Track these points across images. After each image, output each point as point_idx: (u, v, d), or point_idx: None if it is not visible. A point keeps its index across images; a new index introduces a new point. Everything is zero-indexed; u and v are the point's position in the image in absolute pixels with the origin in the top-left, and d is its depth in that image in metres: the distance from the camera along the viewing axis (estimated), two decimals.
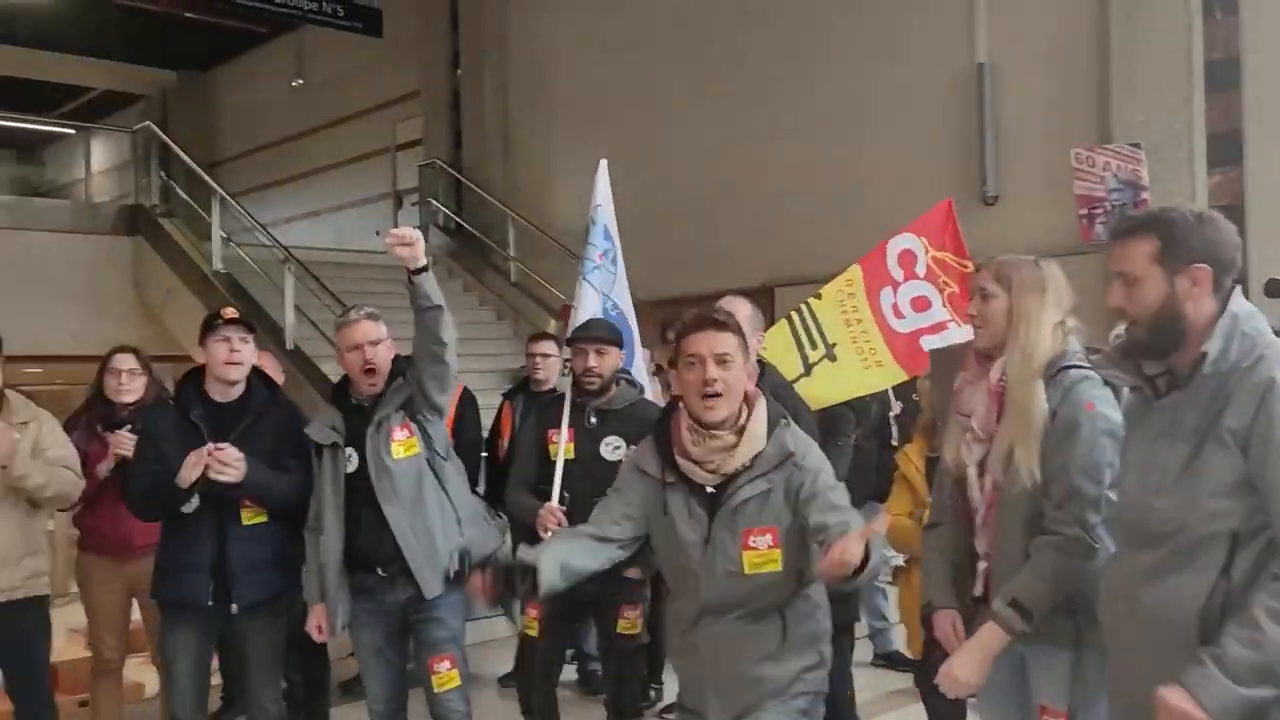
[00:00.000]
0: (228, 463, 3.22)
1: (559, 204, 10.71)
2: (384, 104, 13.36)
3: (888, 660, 5.25)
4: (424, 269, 3.08)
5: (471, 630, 4.54)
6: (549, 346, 5.18)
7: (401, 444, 3.27)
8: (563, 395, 3.76)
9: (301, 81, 14.48)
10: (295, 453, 3.44)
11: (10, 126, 16.46)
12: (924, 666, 3.26)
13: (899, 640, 5.02)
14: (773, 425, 2.44)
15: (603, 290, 4.30)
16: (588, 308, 4.21)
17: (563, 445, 3.57)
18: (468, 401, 4.94)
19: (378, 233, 13.36)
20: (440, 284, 3.23)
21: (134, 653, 4.38)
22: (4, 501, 3.52)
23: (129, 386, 4.06)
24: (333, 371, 7.85)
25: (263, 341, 7.57)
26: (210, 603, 3.34)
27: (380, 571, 3.27)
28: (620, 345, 3.77)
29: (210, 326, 3.41)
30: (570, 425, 3.59)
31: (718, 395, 2.37)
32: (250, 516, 3.36)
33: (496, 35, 11.39)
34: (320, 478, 3.33)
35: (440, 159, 11.57)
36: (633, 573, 3.42)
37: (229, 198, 9.04)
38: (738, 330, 2.44)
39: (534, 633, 3.67)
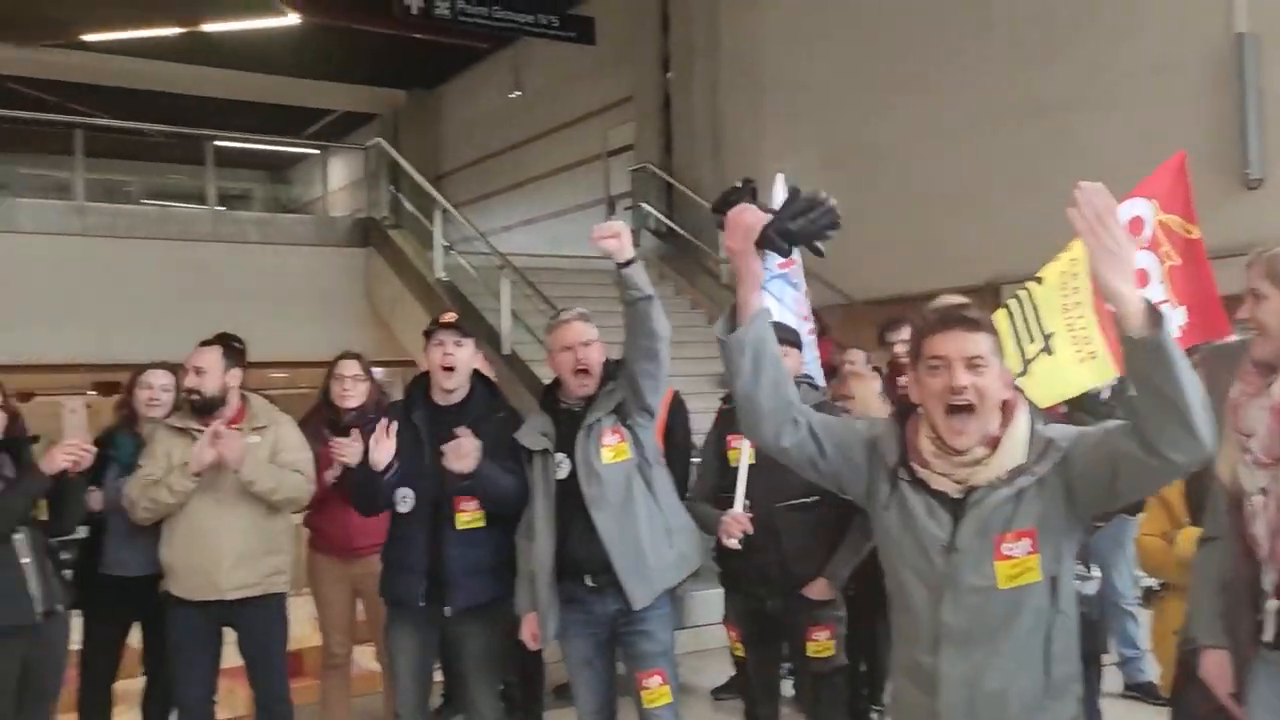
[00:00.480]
0: (465, 453, 3.23)
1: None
2: (596, 111, 13.57)
3: (1140, 692, 4.77)
4: (632, 260, 2.98)
5: (684, 639, 4.46)
6: None
7: (612, 449, 3.19)
8: None
9: (519, 93, 14.93)
10: (515, 456, 3.42)
11: (261, 149, 17.84)
12: (1178, 705, 2.89)
13: (1152, 670, 4.54)
14: (1034, 434, 2.04)
15: (780, 297, 4.19)
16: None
17: (745, 451, 3.43)
18: (678, 407, 4.83)
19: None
20: (664, 301, 3.19)
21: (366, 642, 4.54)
22: (243, 502, 3.69)
23: (352, 392, 4.21)
24: (547, 376, 8.01)
25: (477, 347, 7.84)
26: (424, 603, 3.38)
27: (589, 581, 3.20)
28: (800, 347, 3.66)
29: (428, 332, 3.48)
30: None
31: (968, 407, 1.99)
32: (465, 520, 3.37)
33: (707, 35, 11.34)
34: (532, 485, 3.31)
35: (651, 163, 11.63)
36: (731, 542, 3.31)
37: (450, 208, 9.40)
38: (992, 330, 2.06)
39: (740, 654, 3.54)
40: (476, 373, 3.57)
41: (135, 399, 4.02)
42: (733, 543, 3.36)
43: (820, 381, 3.99)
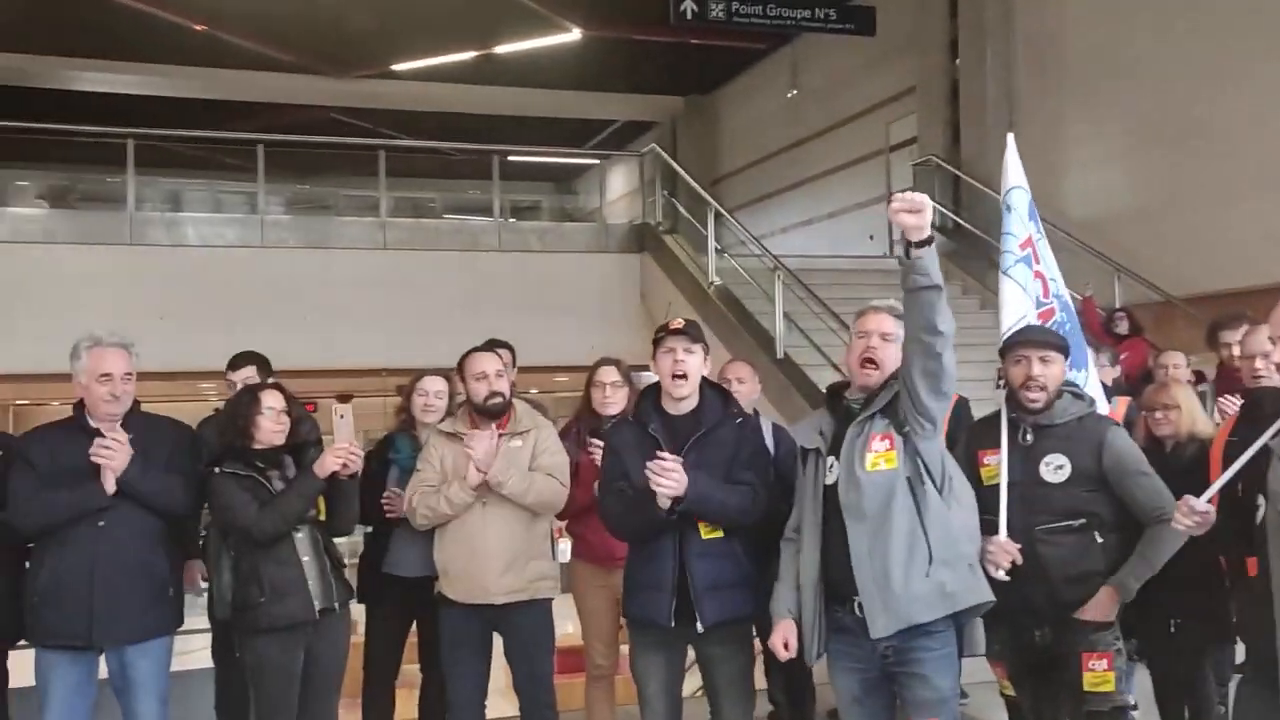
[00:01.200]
0: (668, 470, 3.06)
1: (1071, 194, 9.69)
2: (876, 105, 13.09)
3: None
4: (928, 241, 2.66)
5: None
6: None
7: (879, 455, 2.88)
8: (996, 411, 3.30)
9: (795, 92, 14.68)
10: (751, 464, 3.25)
11: (548, 162, 18.65)
12: None
13: None
14: None
15: (1024, 285, 3.84)
16: (1013, 307, 3.76)
17: (1004, 467, 3.08)
18: (961, 412, 4.38)
19: (871, 237, 13.26)
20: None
21: None
22: (506, 506, 3.71)
23: (612, 399, 4.14)
24: (822, 380, 7.73)
25: (750, 351, 7.64)
26: (673, 623, 3.21)
27: (855, 610, 2.90)
28: (1066, 353, 3.33)
29: (657, 339, 3.33)
30: (999, 446, 3.17)
31: None
32: (709, 530, 3.20)
33: (1000, 15, 10.62)
34: (801, 486, 3.06)
35: (936, 155, 11.05)
36: (999, 573, 2.88)
37: (723, 211, 9.32)
38: None
39: (1010, 693, 3.22)
40: (705, 379, 3.40)
41: (413, 404, 4.15)
42: (1000, 574, 2.99)
43: (1093, 390, 3.62)
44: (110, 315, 8.01)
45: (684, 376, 3.26)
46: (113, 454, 3.30)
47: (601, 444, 3.65)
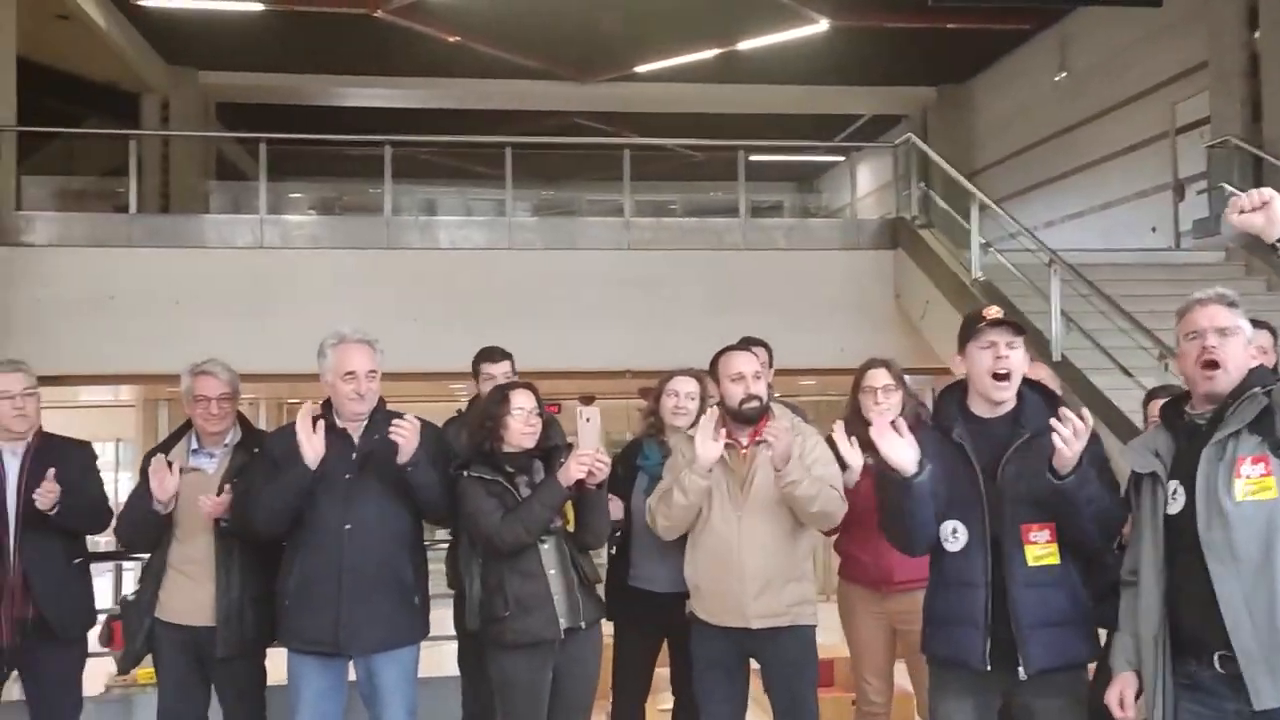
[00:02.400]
0: (1082, 432, 2.54)
1: None
2: (1160, 84, 11.83)
3: None
4: None
5: None
6: None
7: (1252, 481, 2.32)
8: None
9: (1064, 74, 13.54)
10: (1098, 475, 2.65)
11: (791, 161, 18.18)
12: None
13: None
14: None
15: None
16: None
17: None
18: None
19: (1154, 229, 12.00)
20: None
21: None
22: (768, 520, 3.33)
23: (884, 404, 3.69)
24: (1107, 385, 6.90)
25: (1032, 353, 6.92)
26: (988, 667, 2.68)
27: (1216, 665, 2.34)
28: None
29: (972, 330, 2.79)
30: None
31: None
32: (1037, 555, 2.65)
33: None
34: (1138, 517, 2.53)
35: (1234, 136, 9.80)
36: None
37: (989, 202, 8.61)
38: None
39: None
40: (1025, 379, 2.82)
41: (661, 406, 3.86)
42: None
43: None
44: (364, 316, 8.34)
45: (1006, 377, 2.73)
46: (409, 432, 3.21)
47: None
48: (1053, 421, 2.54)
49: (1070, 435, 2.51)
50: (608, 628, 3.65)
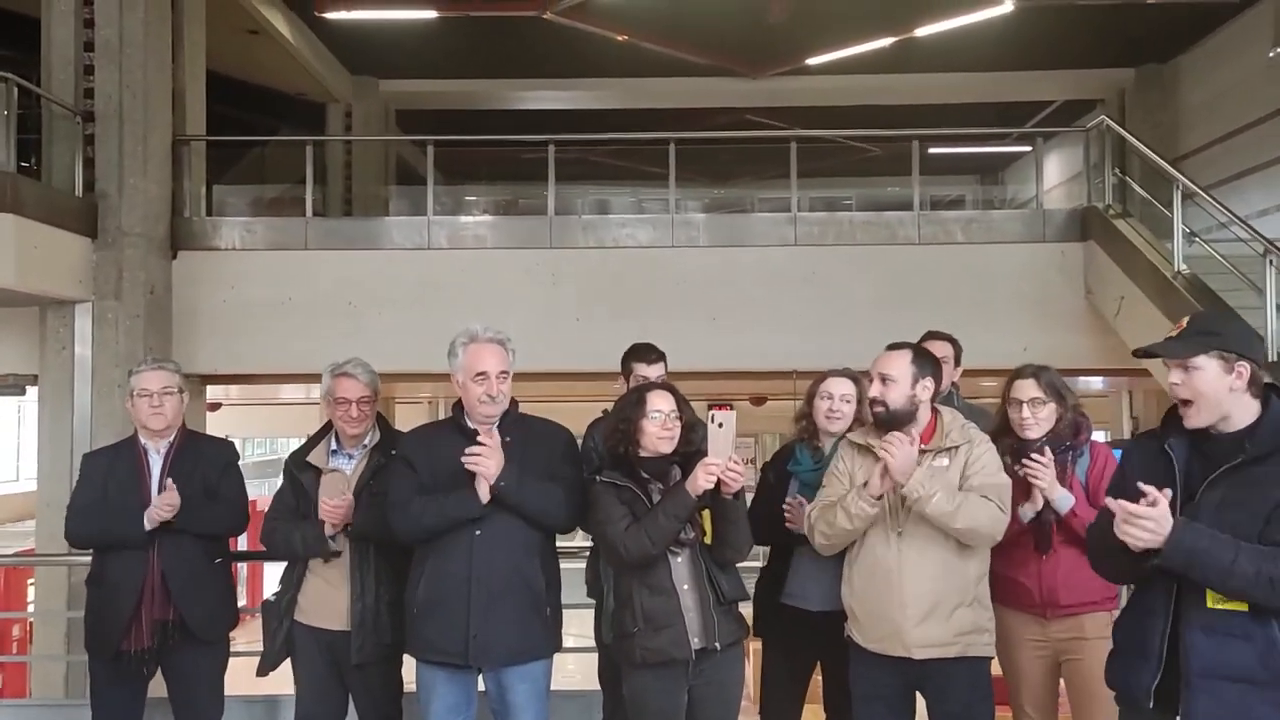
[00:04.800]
0: (1138, 518, 2.27)
1: None
2: None
3: None
4: None
5: None
6: None
7: None
8: None
9: None
10: None
11: (972, 152, 17.31)
12: None
13: None
14: None
15: None
16: None
17: None
18: None
19: None
20: None
21: None
22: (932, 539, 3.03)
23: (1032, 420, 3.32)
24: None
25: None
26: (1150, 704, 2.39)
27: None
28: None
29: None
30: None
31: None
32: (1219, 598, 2.30)
33: None
34: None
35: None
36: None
37: (1196, 188, 7.85)
38: None
39: None
40: (1272, 388, 2.44)
41: (815, 409, 3.59)
42: None
43: None
44: (529, 315, 8.43)
45: (1187, 403, 2.42)
46: (484, 459, 3.06)
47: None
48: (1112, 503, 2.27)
49: (1123, 525, 2.26)
50: (756, 644, 3.42)
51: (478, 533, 3.14)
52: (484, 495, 3.09)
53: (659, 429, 3.08)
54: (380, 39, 12.59)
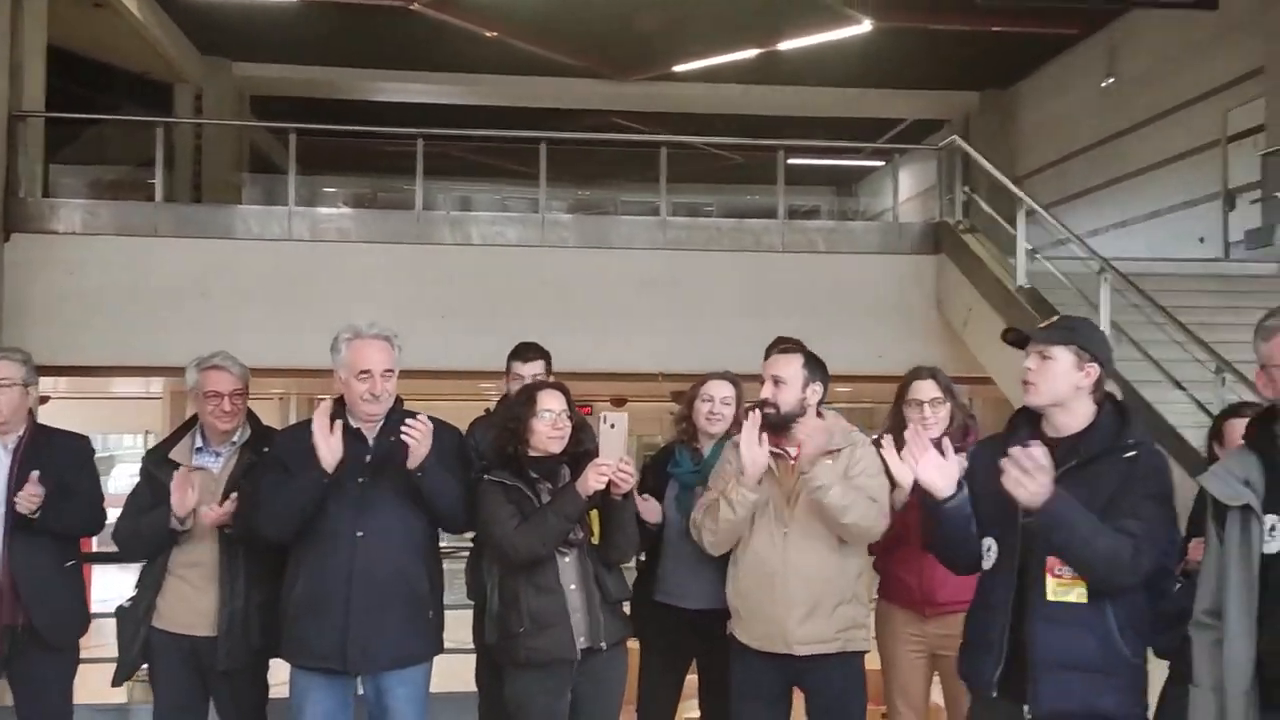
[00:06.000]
0: (1033, 469, 2.38)
1: None
2: (1211, 90, 11.48)
3: None
4: None
5: None
6: None
7: None
8: None
9: (1112, 80, 13.20)
10: (1139, 512, 2.46)
11: (828, 164, 17.88)
12: None
13: None
14: None
15: None
16: None
17: None
18: None
19: (1201, 239, 11.63)
20: None
21: None
22: (811, 536, 3.12)
23: (932, 419, 3.46)
24: (1158, 398, 6.60)
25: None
26: (996, 694, 2.52)
27: None
28: None
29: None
30: None
31: None
32: (1060, 588, 2.45)
33: None
34: (1224, 552, 2.28)
35: None
36: None
37: (1037, 207, 8.34)
38: None
39: None
40: (1113, 399, 2.64)
41: (695, 411, 3.65)
42: None
43: None
44: (393, 311, 8.23)
45: (1030, 384, 2.59)
46: (424, 435, 2.99)
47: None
48: (1002, 461, 2.41)
49: (1018, 476, 2.36)
50: (634, 645, 3.44)
51: (360, 533, 3.05)
52: (329, 468, 2.98)
53: (549, 428, 3.07)
54: (235, 18, 12.07)
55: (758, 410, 3.15)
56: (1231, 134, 11.30)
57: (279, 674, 3.33)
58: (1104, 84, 13.34)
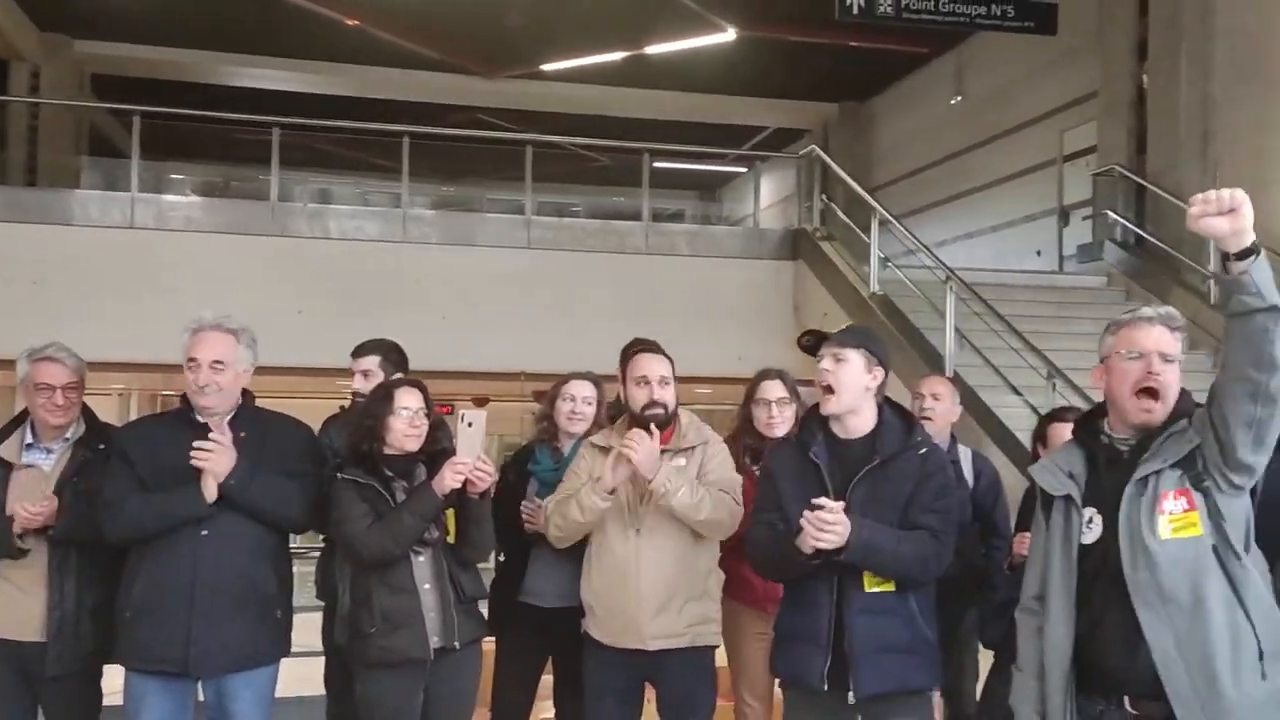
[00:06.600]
0: (829, 524, 2.55)
1: (1276, 210, 8.60)
2: (1050, 112, 12.17)
3: None
4: (1254, 250, 2.04)
5: None
6: None
7: (1175, 519, 2.22)
8: None
9: (960, 98, 13.83)
10: (935, 505, 2.69)
11: (694, 169, 18.14)
12: None
13: None
14: None
15: None
16: None
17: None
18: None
19: (1039, 253, 12.32)
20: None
21: None
22: (663, 535, 3.16)
23: (779, 419, 3.56)
24: (996, 402, 6.96)
25: (914, 367, 6.99)
26: (825, 687, 2.67)
27: (1129, 707, 2.24)
28: None
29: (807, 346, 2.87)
30: None
31: None
32: (875, 582, 2.67)
33: (1197, 13, 9.58)
34: (1048, 540, 2.42)
35: (1119, 165, 10.09)
36: None
37: (890, 217, 8.66)
38: None
39: None
40: (890, 401, 2.86)
41: (556, 411, 3.66)
42: None
43: None
44: (245, 306, 7.93)
45: (828, 390, 2.73)
46: (212, 456, 2.88)
47: None
48: (801, 523, 2.58)
49: (816, 533, 2.55)
50: (489, 646, 3.42)
51: (204, 533, 2.94)
52: (210, 493, 2.91)
53: (406, 426, 3.03)
54: None
55: (654, 424, 3.17)
56: (1067, 154, 12.01)
57: (114, 680, 3.17)
58: (953, 101, 13.96)
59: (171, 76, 13.79)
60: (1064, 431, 2.93)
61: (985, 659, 3.75)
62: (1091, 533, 2.31)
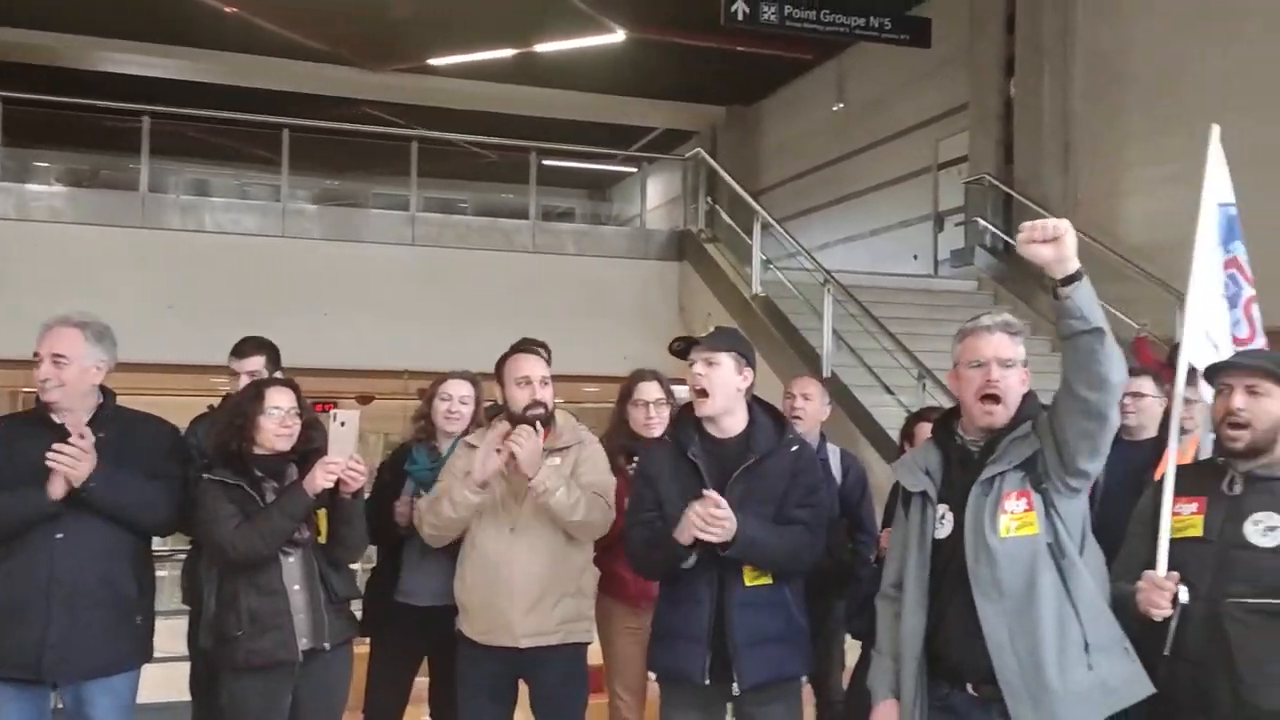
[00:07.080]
0: (718, 519, 2.66)
1: (1130, 219, 9.16)
2: (925, 121, 12.59)
3: None
4: (1077, 275, 2.19)
5: None
6: (1145, 385, 3.82)
7: (1015, 518, 2.36)
8: (1161, 444, 2.76)
9: (841, 105, 14.20)
10: (807, 500, 2.84)
11: (584, 168, 18.17)
12: None
13: None
14: None
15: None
16: (1219, 329, 3.02)
17: (1166, 512, 2.47)
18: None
19: (915, 257, 12.75)
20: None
21: None
22: (540, 533, 3.20)
23: (656, 420, 3.63)
24: (871, 401, 7.20)
25: (793, 367, 7.17)
26: (708, 681, 2.77)
27: (970, 689, 2.38)
28: None
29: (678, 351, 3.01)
30: (1200, 494, 2.49)
31: None
32: (754, 576, 2.80)
33: (1058, 32, 10.09)
34: (906, 534, 2.55)
35: (988, 174, 10.54)
36: (1159, 612, 2.40)
37: (771, 220, 8.87)
38: None
39: None
40: (759, 401, 2.97)
41: (433, 410, 3.66)
42: (1162, 611, 2.37)
43: None
44: (112, 301, 7.68)
45: (703, 393, 2.84)
46: (71, 461, 2.79)
47: None
48: (688, 517, 2.68)
49: (705, 526, 2.66)
50: (361, 650, 3.40)
51: (59, 535, 2.85)
52: (57, 491, 2.81)
53: (277, 426, 2.99)
54: None
55: (503, 419, 3.20)
56: (942, 162, 12.45)
57: None
58: (835, 108, 14.32)
59: (37, 60, 13.14)
60: (928, 431, 3.06)
61: (852, 650, 3.90)
62: (944, 528, 2.44)
